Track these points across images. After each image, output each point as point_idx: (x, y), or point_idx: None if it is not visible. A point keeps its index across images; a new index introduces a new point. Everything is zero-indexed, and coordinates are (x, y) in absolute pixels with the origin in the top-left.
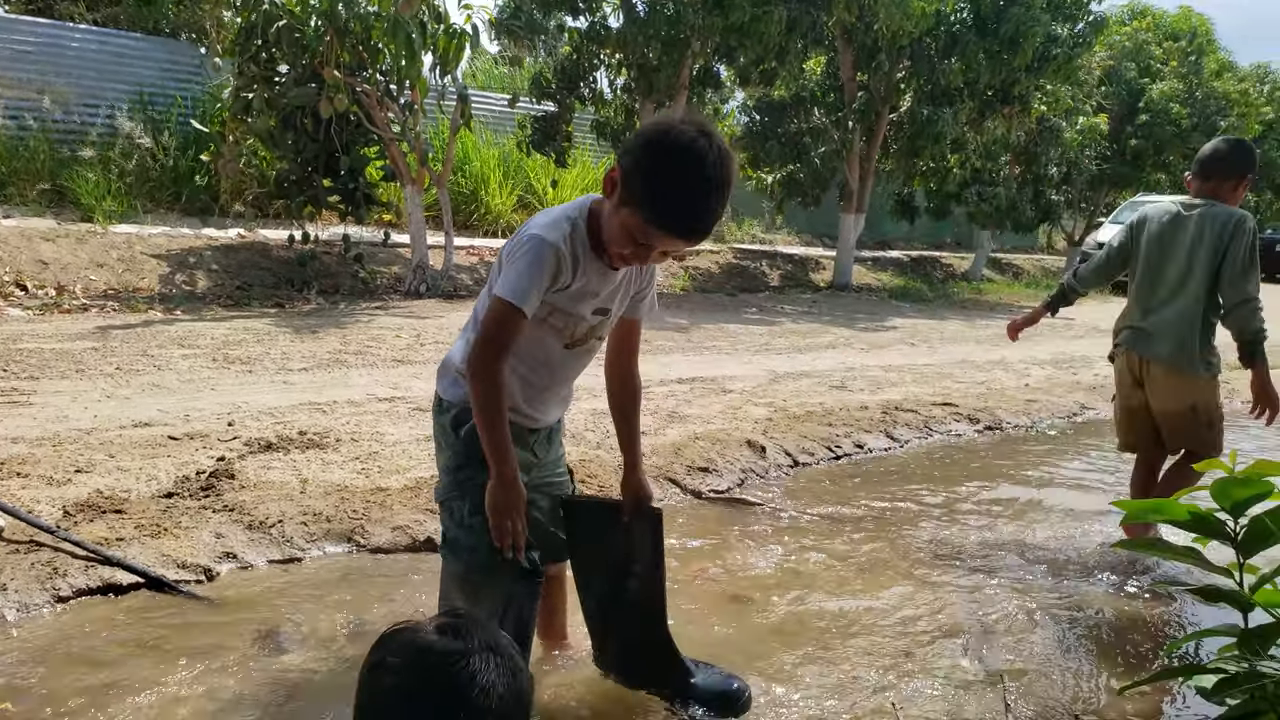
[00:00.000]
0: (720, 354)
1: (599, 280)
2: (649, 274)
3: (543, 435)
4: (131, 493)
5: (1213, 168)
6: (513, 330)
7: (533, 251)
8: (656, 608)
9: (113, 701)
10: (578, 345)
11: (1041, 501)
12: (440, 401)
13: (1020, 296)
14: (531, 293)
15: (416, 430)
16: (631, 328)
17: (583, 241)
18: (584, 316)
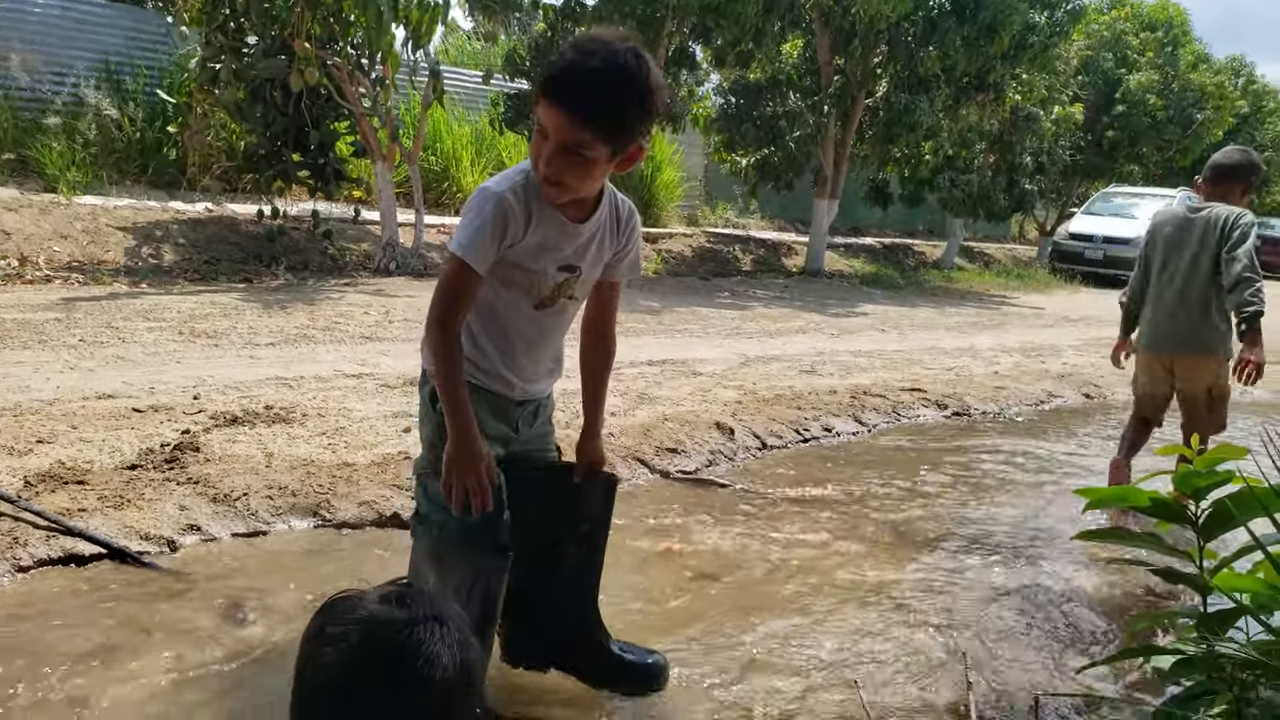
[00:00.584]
0: (691, 337)
1: (559, 235)
2: (628, 236)
3: (528, 410)
4: (94, 464)
5: (1226, 174)
6: (464, 285)
7: (478, 204)
8: (591, 578)
9: (73, 670)
10: (547, 306)
11: (1007, 486)
12: (423, 373)
13: (991, 285)
14: (478, 245)
15: (384, 407)
16: (611, 289)
17: (536, 194)
18: (547, 273)
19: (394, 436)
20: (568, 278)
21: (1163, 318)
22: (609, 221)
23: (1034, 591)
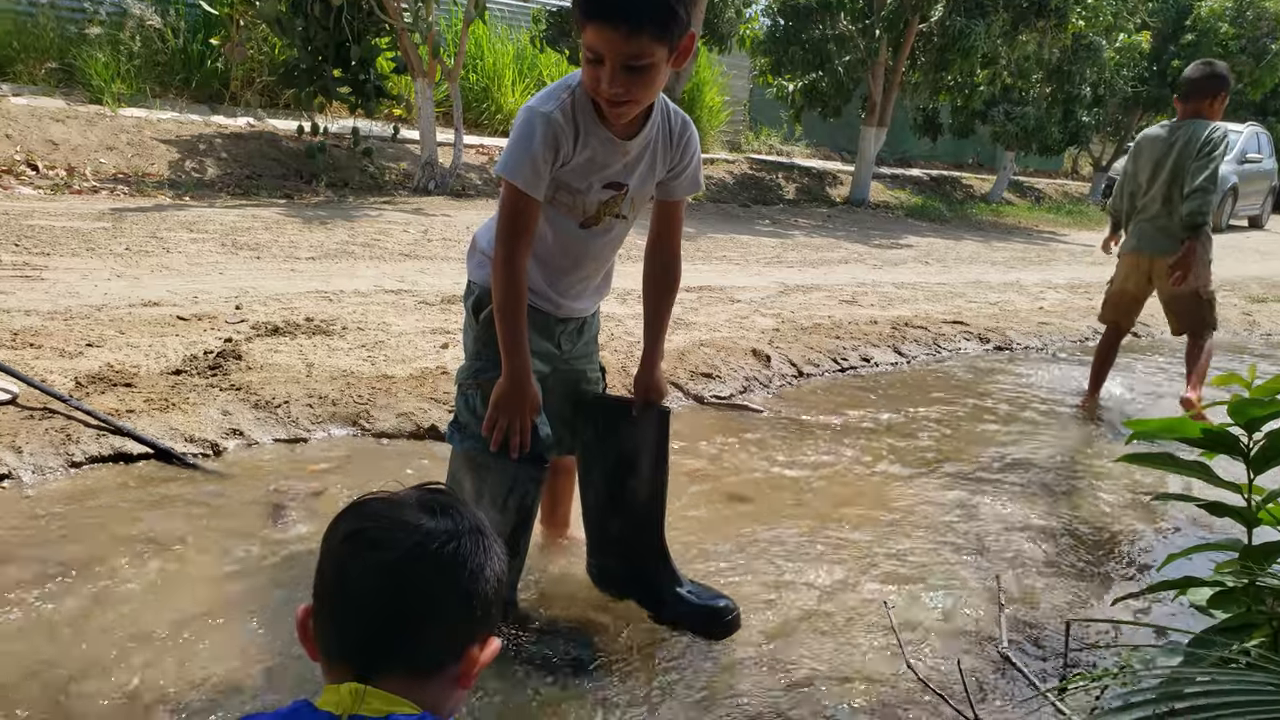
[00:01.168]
0: (730, 264)
1: (607, 152)
2: (683, 149)
3: (572, 327)
4: (141, 368)
5: (1194, 89)
6: (525, 213)
7: (526, 125)
8: (655, 512)
9: (122, 562)
10: (593, 225)
11: (1046, 420)
12: (469, 284)
13: (1040, 221)
14: (532, 170)
15: (422, 323)
16: (673, 212)
17: (584, 110)
18: (592, 190)
19: (432, 352)
20: (614, 195)
21: (1146, 223)
22: (660, 136)
23: (1069, 523)
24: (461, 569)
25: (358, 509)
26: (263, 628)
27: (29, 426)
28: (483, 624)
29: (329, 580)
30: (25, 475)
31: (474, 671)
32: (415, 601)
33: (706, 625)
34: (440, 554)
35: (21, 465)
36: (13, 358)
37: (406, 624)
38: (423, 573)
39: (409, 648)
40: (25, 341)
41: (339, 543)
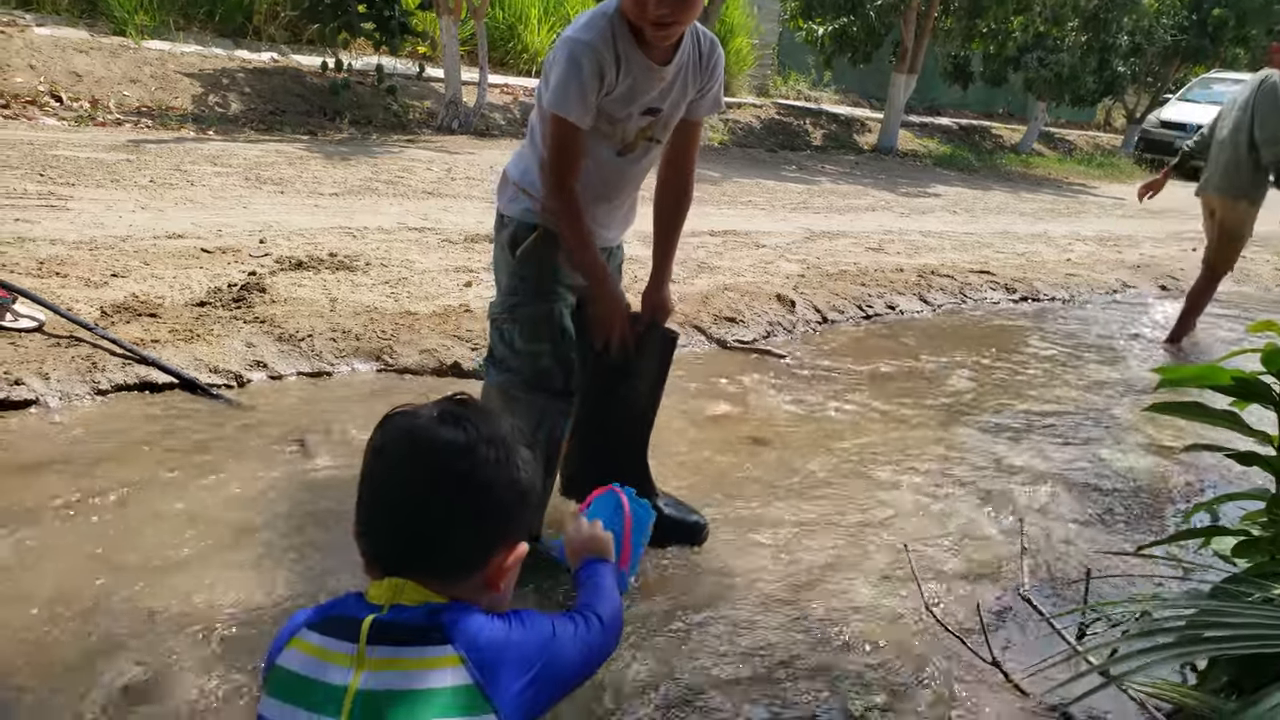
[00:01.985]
0: (755, 209)
1: (645, 78)
2: (711, 71)
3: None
4: (165, 299)
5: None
6: (576, 145)
7: (571, 57)
8: (643, 429)
9: (148, 487)
10: (630, 151)
11: (1071, 370)
12: (501, 218)
13: (1070, 173)
14: (580, 101)
15: (446, 261)
16: (691, 130)
17: (624, 37)
18: (631, 118)
19: (455, 290)
20: (650, 121)
21: (1211, 165)
22: (691, 59)
23: (1093, 473)
24: (472, 480)
25: (384, 423)
26: (284, 552)
27: (56, 354)
28: (505, 530)
29: (361, 490)
30: (52, 401)
31: (501, 574)
32: (430, 510)
33: (685, 537)
34: (453, 464)
35: (49, 391)
36: (39, 286)
37: (424, 531)
38: (433, 484)
39: (429, 552)
40: (51, 270)
41: (368, 455)
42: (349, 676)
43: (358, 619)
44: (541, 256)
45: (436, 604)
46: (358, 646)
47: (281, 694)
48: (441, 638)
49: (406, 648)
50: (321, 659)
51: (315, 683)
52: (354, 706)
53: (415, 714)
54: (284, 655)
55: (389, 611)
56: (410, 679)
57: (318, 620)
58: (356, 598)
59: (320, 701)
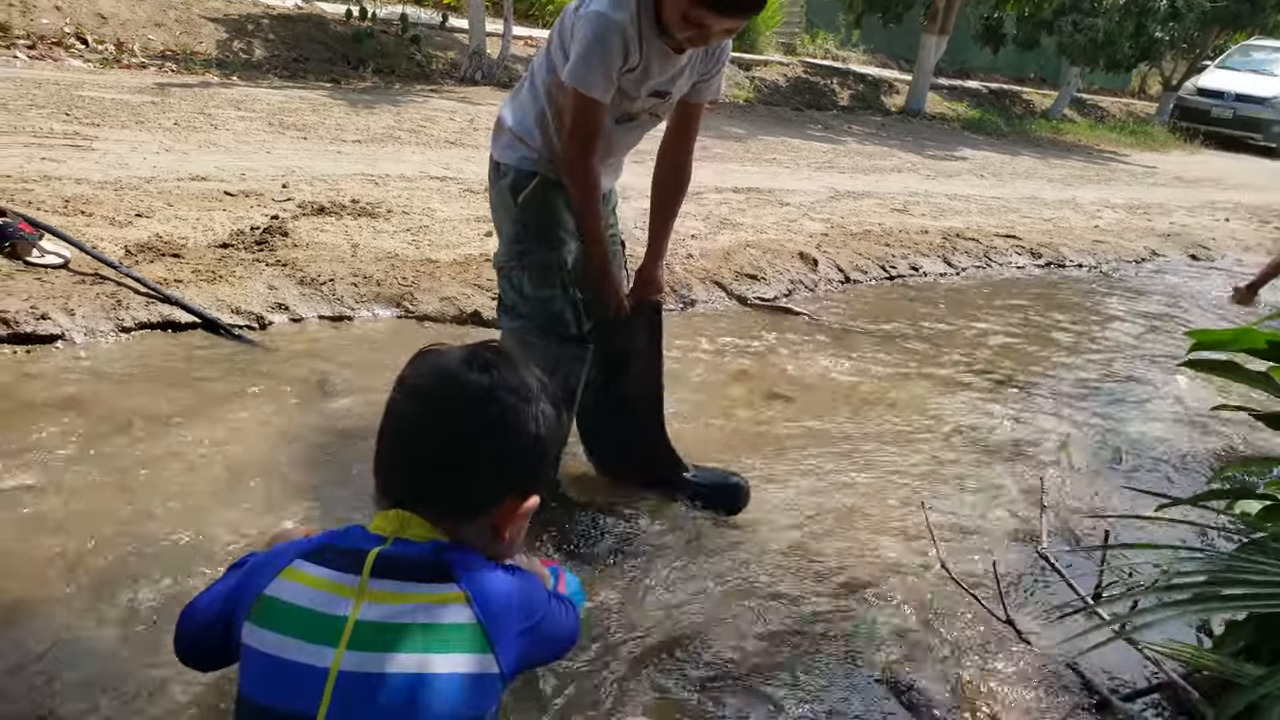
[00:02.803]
0: (780, 167)
1: (660, 63)
2: (718, 57)
3: None
4: (188, 240)
5: None
6: (595, 120)
7: (597, 34)
8: (655, 405)
9: (169, 424)
10: (628, 121)
11: (1095, 336)
12: (497, 166)
13: (1101, 140)
14: (602, 79)
15: (467, 210)
16: (693, 112)
17: (648, 20)
18: (640, 98)
19: (476, 239)
20: (657, 102)
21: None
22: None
23: (1115, 435)
24: (494, 423)
25: (415, 360)
26: (303, 489)
27: (81, 291)
28: (520, 479)
29: (384, 422)
30: (77, 337)
31: (510, 523)
32: (447, 449)
33: (727, 502)
34: (474, 407)
35: (74, 327)
36: (64, 224)
37: (442, 468)
38: (455, 423)
39: (444, 489)
40: (76, 209)
41: (396, 390)
42: (349, 607)
43: (361, 550)
44: (544, 203)
45: (442, 542)
46: (360, 579)
47: (275, 625)
48: (447, 575)
49: (410, 582)
50: (321, 589)
51: (314, 613)
52: (353, 636)
53: (415, 646)
54: (275, 586)
55: (393, 544)
56: (412, 612)
57: (313, 551)
58: (360, 530)
59: (317, 632)
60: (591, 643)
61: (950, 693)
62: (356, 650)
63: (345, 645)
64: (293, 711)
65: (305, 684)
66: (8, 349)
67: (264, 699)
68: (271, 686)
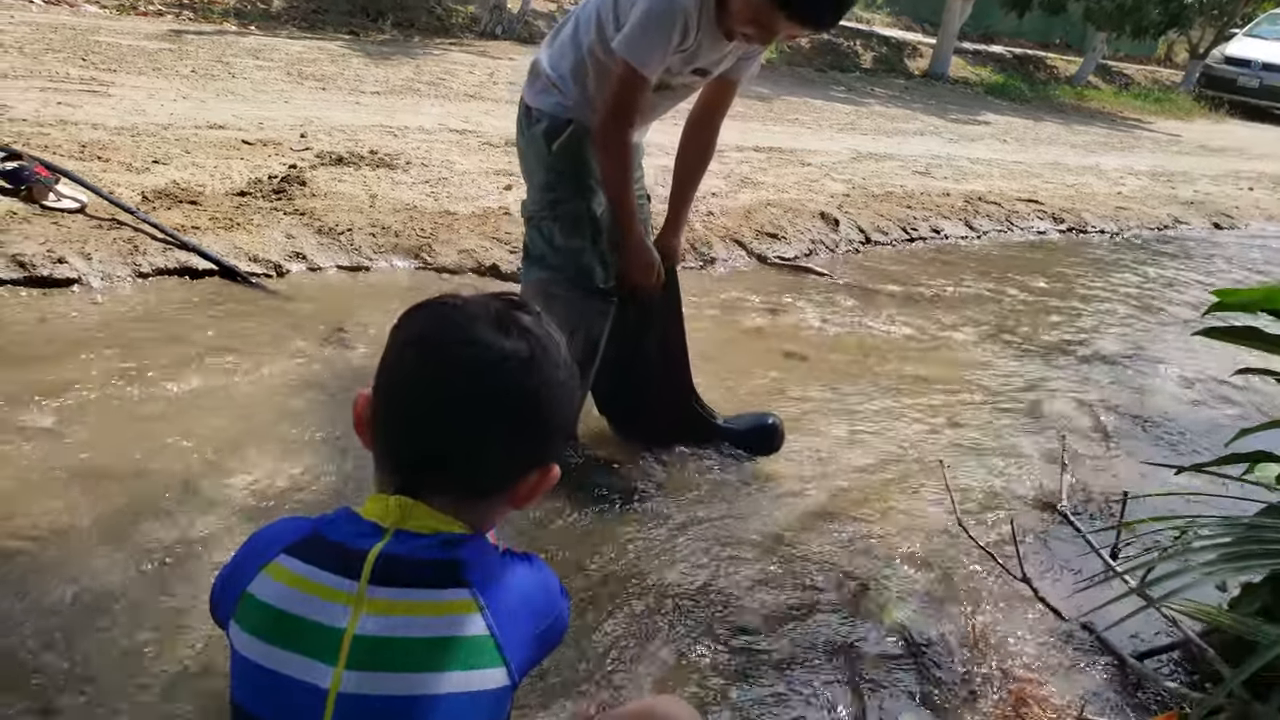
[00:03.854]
0: (802, 127)
1: (710, 45)
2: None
3: None
4: (206, 188)
5: None
6: (638, 96)
7: (664, 13)
8: (677, 365)
9: (185, 369)
10: (665, 89)
11: (1116, 302)
12: (529, 111)
13: (1126, 107)
14: (656, 58)
15: (486, 163)
16: (728, 88)
17: (708, 6)
18: (682, 73)
19: (495, 192)
20: (696, 79)
21: None
22: None
23: (1135, 399)
24: (528, 395)
25: (430, 310)
26: (318, 437)
27: (98, 235)
28: (544, 452)
29: (390, 385)
30: (94, 281)
31: (530, 497)
32: (473, 425)
33: (765, 443)
34: (506, 378)
35: (91, 271)
36: (80, 169)
37: (461, 447)
38: (483, 396)
39: (462, 471)
40: (93, 154)
41: (402, 346)
42: (345, 618)
43: (357, 551)
44: (578, 151)
45: (450, 535)
46: (358, 585)
47: (262, 632)
48: (456, 578)
49: (416, 590)
50: (309, 593)
51: (304, 622)
52: (352, 654)
53: (421, 664)
54: (258, 583)
55: (393, 539)
56: (419, 625)
57: (299, 543)
58: (349, 518)
59: (313, 646)
60: (609, 598)
61: (965, 648)
62: (356, 670)
63: (344, 664)
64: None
65: (302, 704)
66: (25, 292)
67: (260, 712)
68: (266, 700)
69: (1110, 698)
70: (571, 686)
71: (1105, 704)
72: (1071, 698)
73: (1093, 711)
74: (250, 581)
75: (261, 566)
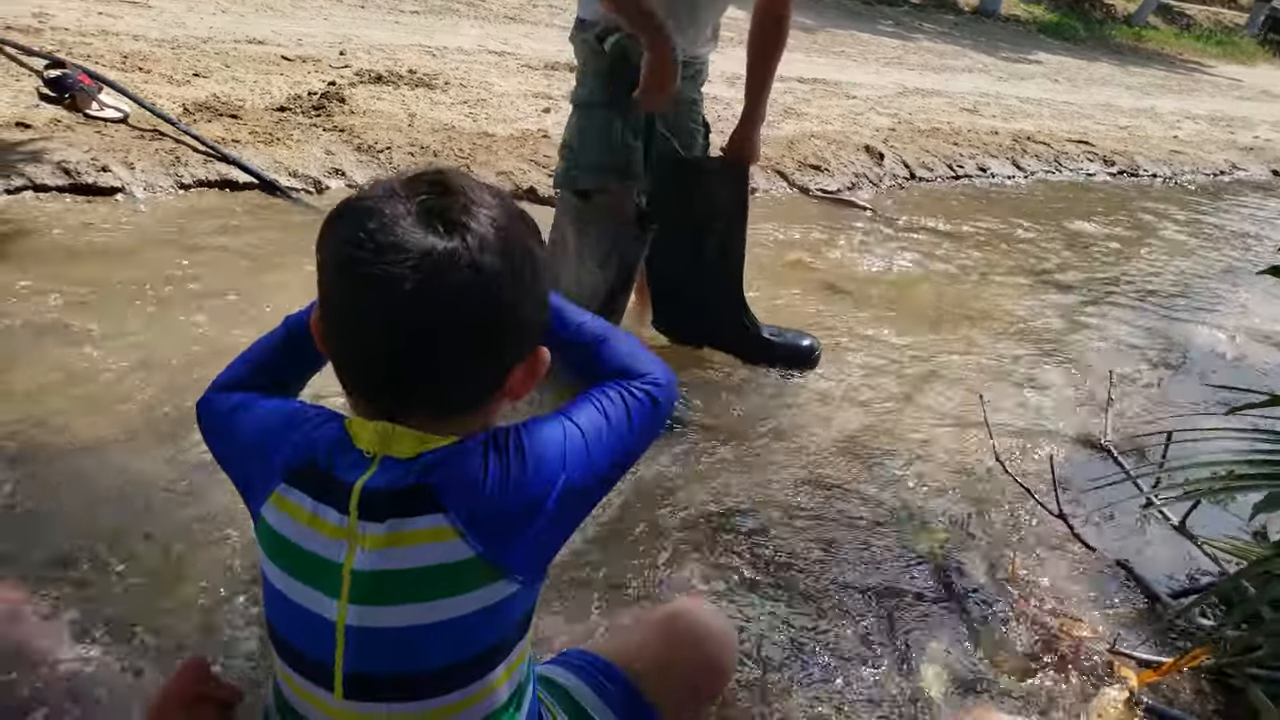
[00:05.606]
0: (848, 60)
1: None
2: None
3: (689, 72)
4: (246, 102)
5: None
6: None
7: None
8: (732, 267)
9: (226, 279)
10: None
11: (1169, 245)
12: (581, 22)
13: (1185, 49)
14: None
15: (525, 86)
16: None
17: None
18: None
19: (533, 115)
20: None
21: None
22: None
23: (1183, 344)
24: (477, 300)
25: (346, 221)
26: None
27: (140, 145)
28: (518, 348)
29: (330, 312)
30: (137, 190)
31: (521, 389)
32: (423, 347)
33: (802, 360)
34: (448, 288)
35: (134, 181)
36: (122, 80)
37: (418, 371)
38: (427, 312)
39: (429, 392)
40: (134, 65)
41: (327, 268)
42: (342, 552)
43: (345, 484)
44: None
45: (431, 453)
46: (349, 519)
47: (278, 558)
48: (434, 503)
49: (398, 519)
50: (309, 526)
51: (307, 555)
52: (353, 588)
53: (416, 595)
54: (268, 509)
55: (378, 469)
56: (405, 556)
57: (296, 468)
58: (337, 440)
59: (317, 579)
60: (639, 515)
61: (998, 582)
62: (358, 604)
63: (346, 599)
64: (314, 661)
65: (317, 633)
66: (70, 199)
67: (288, 636)
68: (289, 624)
69: (1143, 634)
70: (599, 594)
71: (1138, 640)
72: (1104, 632)
73: (1125, 647)
74: (262, 505)
75: (268, 494)
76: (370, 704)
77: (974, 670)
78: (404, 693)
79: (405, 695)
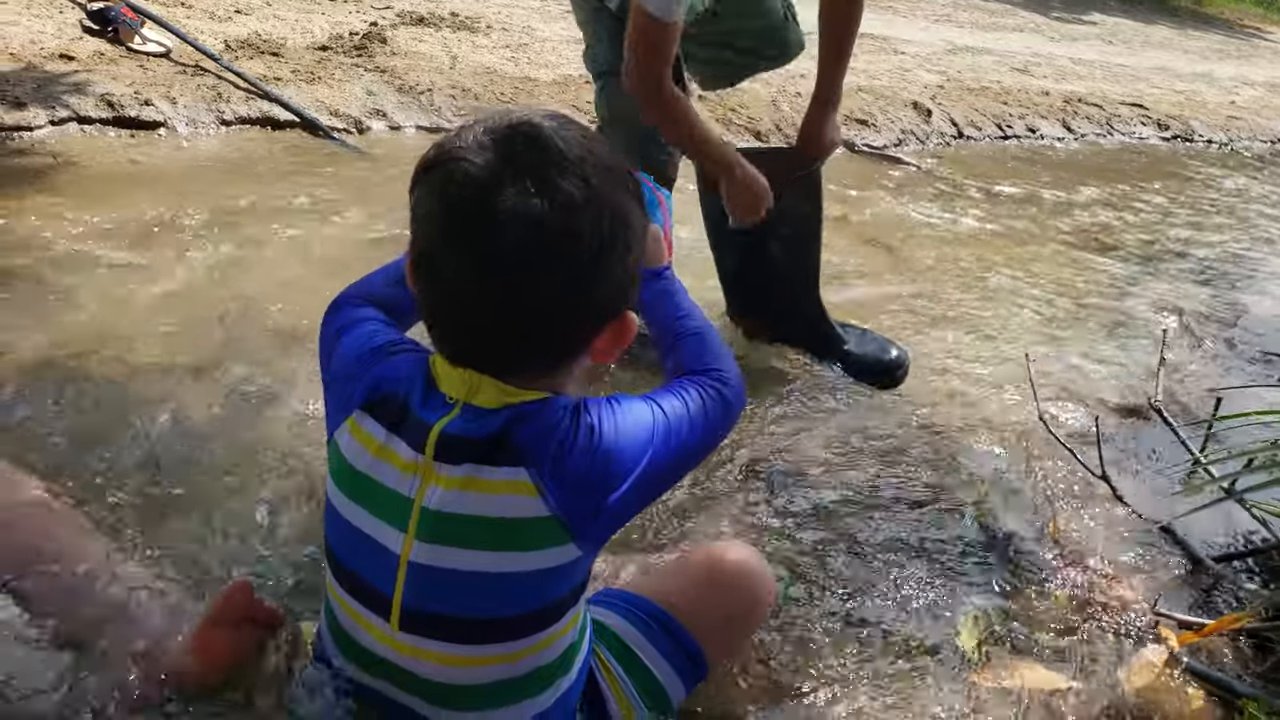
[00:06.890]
0: (895, 15)
1: None
2: None
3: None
4: (287, 40)
5: None
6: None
7: None
8: (803, 269)
9: (269, 216)
10: None
11: (1223, 213)
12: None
13: (1246, 14)
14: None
15: (566, 32)
16: None
17: None
18: None
19: (575, 60)
20: None
21: None
22: None
23: (1233, 312)
24: (572, 264)
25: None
26: None
27: (183, 81)
28: (607, 311)
29: (420, 263)
30: (180, 126)
31: (607, 352)
32: (515, 309)
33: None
34: (544, 251)
35: (176, 116)
36: (164, 14)
37: (508, 329)
38: (521, 276)
39: (516, 350)
40: (176, 1)
41: (423, 220)
42: (414, 487)
43: (423, 422)
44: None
45: (516, 407)
46: (424, 457)
47: (344, 485)
48: (515, 458)
49: (476, 465)
50: (381, 458)
51: (377, 485)
52: (420, 524)
53: (485, 542)
54: (340, 433)
55: (460, 415)
56: (481, 503)
57: (375, 399)
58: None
59: (384, 510)
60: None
61: (1039, 542)
62: (425, 541)
63: (413, 534)
64: (372, 590)
65: (379, 564)
66: (113, 132)
67: (348, 562)
68: (351, 551)
69: (1184, 596)
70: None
71: (1179, 602)
72: (1144, 593)
73: (1165, 608)
74: (338, 426)
75: (345, 417)
76: (424, 639)
77: (1012, 626)
78: (453, 634)
79: (455, 637)
